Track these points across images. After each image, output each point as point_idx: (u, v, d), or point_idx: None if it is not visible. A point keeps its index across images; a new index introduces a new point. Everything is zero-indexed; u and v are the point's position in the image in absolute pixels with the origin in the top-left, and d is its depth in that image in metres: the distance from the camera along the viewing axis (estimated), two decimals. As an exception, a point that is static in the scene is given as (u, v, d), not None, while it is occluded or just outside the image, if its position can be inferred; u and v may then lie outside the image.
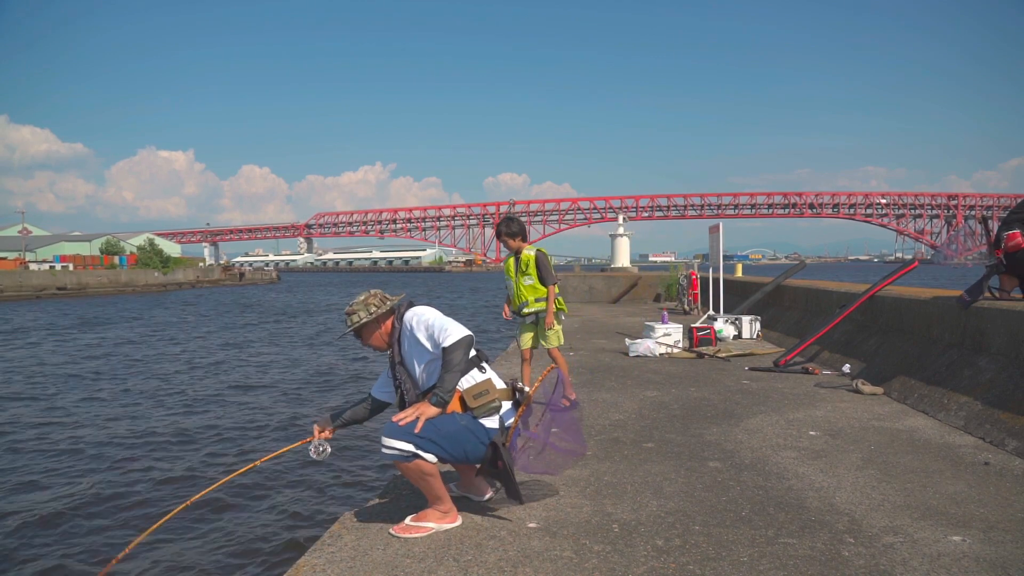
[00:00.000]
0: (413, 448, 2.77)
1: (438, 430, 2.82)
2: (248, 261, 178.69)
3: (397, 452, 2.78)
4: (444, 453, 2.87)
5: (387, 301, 3.11)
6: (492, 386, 2.93)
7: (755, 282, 13.15)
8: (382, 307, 3.07)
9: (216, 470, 7.06)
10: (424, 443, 2.79)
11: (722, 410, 5.23)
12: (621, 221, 32.59)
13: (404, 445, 2.77)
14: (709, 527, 2.92)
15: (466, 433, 2.88)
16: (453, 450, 2.88)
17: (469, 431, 2.89)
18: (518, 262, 5.37)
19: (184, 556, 5.16)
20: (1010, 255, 4.89)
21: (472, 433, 2.89)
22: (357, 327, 3.07)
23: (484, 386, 2.91)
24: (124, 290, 55.74)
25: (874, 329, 6.86)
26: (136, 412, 10.10)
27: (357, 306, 3.07)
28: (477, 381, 2.93)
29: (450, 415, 2.88)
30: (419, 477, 2.84)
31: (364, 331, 3.10)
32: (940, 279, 36.32)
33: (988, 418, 4.32)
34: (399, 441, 2.77)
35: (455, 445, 2.87)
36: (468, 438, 2.89)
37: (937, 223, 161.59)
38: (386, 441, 2.78)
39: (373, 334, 3.10)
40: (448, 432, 2.85)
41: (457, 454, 2.91)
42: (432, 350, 2.93)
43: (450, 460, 2.97)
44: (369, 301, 3.08)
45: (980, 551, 2.64)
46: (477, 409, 2.89)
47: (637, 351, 8.18)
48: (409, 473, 2.85)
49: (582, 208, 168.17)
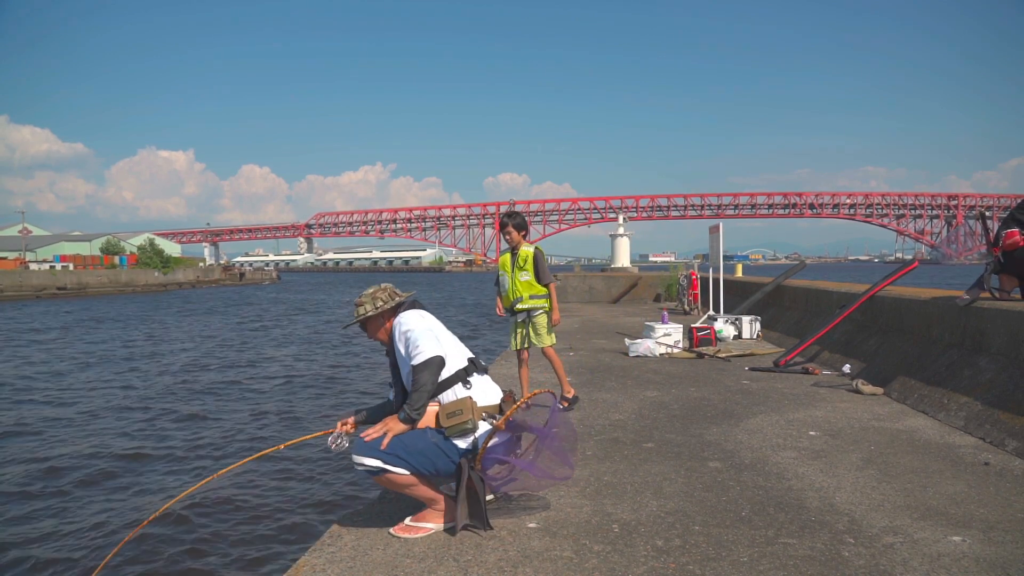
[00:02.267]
0: (380, 464, 2.76)
1: (406, 446, 2.78)
2: (248, 261, 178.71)
3: (365, 468, 2.78)
4: (412, 469, 2.81)
5: (395, 297, 3.11)
6: (470, 405, 2.81)
7: (755, 282, 13.14)
8: (388, 303, 3.07)
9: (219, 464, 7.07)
10: (391, 459, 2.76)
11: (722, 410, 5.23)
12: (621, 221, 32.58)
13: (371, 462, 2.76)
14: (709, 527, 2.91)
15: (435, 449, 2.81)
16: (422, 466, 2.82)
17: (439, 448, 2.82)
18: (515, 257, 5.37)
19: (184, 556, 5.17)
20: (1008, 253, 4.92)
21: (442, 450, 2.82)
22: (362, 319, 3.08)
23: (460, 405, 2.81)
24: (124, 290, 55.75)
25: (874, 329, 6.85)
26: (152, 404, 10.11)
27: (365, 299, 3.09)
28: (457, 398, 2.85)
29: (421, 431, 2.83)
30: (396, 488, 2.85)
31: (369, 324, 3.11)
32: (940, 279, 36.37)
33: (988, 418, 4.32)
34: (366, 458, 2.76)
35: (424, 461, 2.81)
36: (438, 454, 2.82)
37: (937, 223, 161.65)
38: (355, 458, 2.79)
39: (378, 329, 3.11)
40: (417, 448, 2.80)
41: (427, 469, 2.84)
42: (409, 362, 2.88)
43: (421, 475, 2.87)
44: (377, 295, 3.09)
45: (980, 551, 2.64)
46: (448, 429, 2.81)
47: (637, 351, 8.18)
48: (386, 484, 2.85)
49: (582, 208, 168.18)
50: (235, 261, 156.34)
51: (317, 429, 3.31)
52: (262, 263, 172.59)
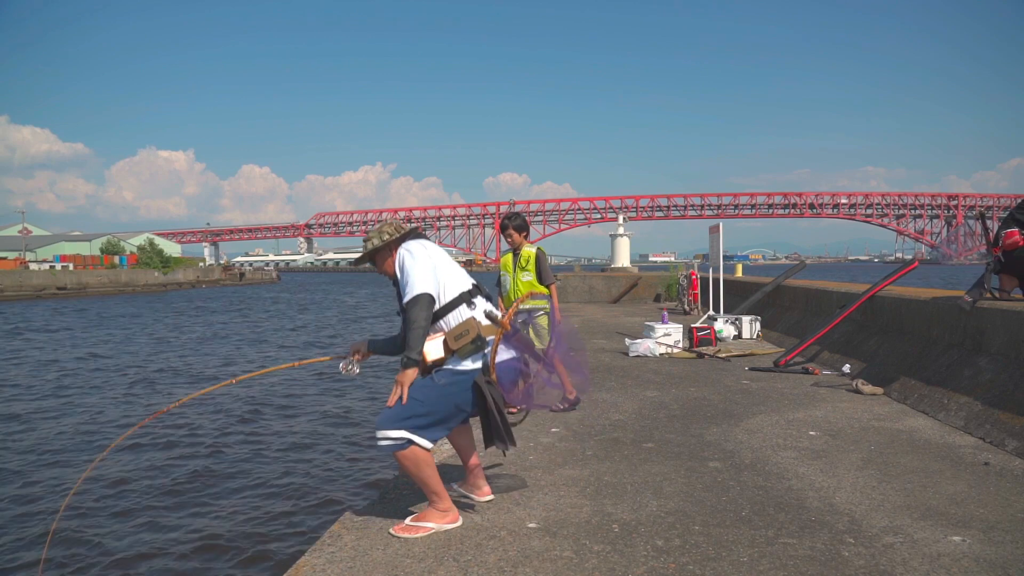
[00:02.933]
0: (406, 434, 2.76)
1: (421, 402, 2.78)
2: (248, 261, 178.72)
3: (391, 442, 2.77)
4: (437, 419, 2.82)
5: (400, 229, 3.13)
6: (475, 324, 2.83)
7: (755, 282, 13.15)
8: (394, 235, 3.09)
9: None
10: (414, 424, 2.77)
11: (722, 410, 5.23)
12: (621, 221, 32.56)
13: (396, 433, 2.76)
14: (709, 527, 2.92)
15: (448, 387, 2.83)
16: (444, 409, 2.82)
17: (451, 385, 2.83)
18: (517, 258, 5.39)
19: (183, 555, 5.17)
20: (1008, 253, 4.93)
21: (455, 384, 2.83)
22: (370, 252, 3.10)
23: (465, 326, 2.82)
24: (124, 290, 55.74)
25: (874, 329, 6.85)
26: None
27: (372, 234, 3.12)
28: (462, 320, 2.87)
29: (426, 381, 2.83)
30: (416, 468, 2.81)
31: (378, 257, 3.12)
32: (940, 279, 36.37)
33: (988, 418, 4.32)
34: (391, 430, 2.76)
35: (443, 403, 2.81)
36: (452, 391, 2.83)
37: (937, 223, 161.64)
38: (379, 434, 2.78)
39: (385, 261, 3.11)
40: (432, 396, 2.81)
41: (449, 410, 2.84)
42: (403, 299, 2.92)
43: (447, 423, 2.87)
44: (384, 229, 3.12)
45: (980, 551, 2.64)
46: (459, 350, 2.82)
47: (637, 351, 8.18)
48: (407, 463, 2.81)
49: (582, 208, 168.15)
50: (235, 261, 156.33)
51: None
52: (262, 263, 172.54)
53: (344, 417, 9.67)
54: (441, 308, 2.89)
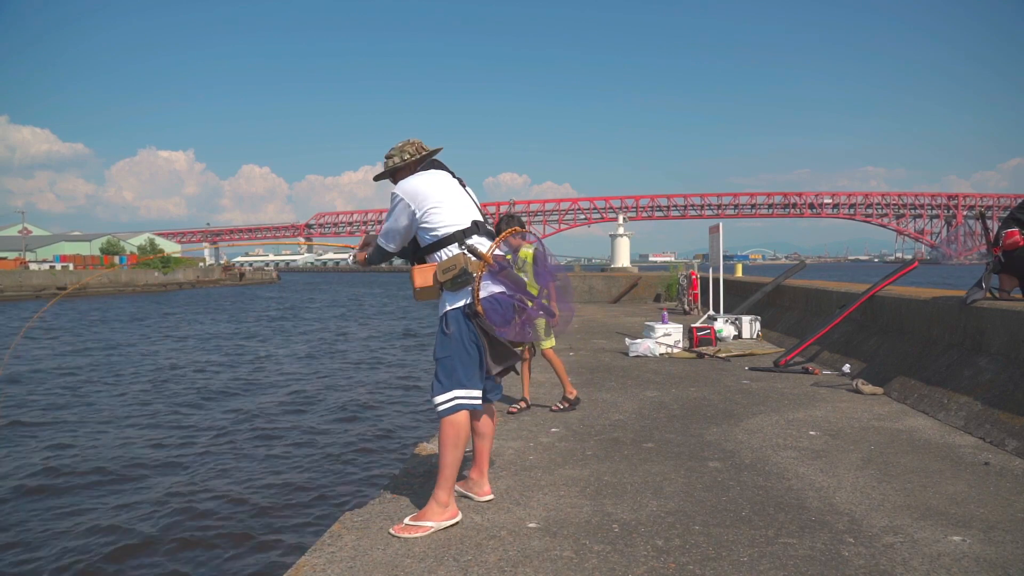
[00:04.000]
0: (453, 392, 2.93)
1: (448, 357, 2.95)
2: (248, 261, 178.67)
3: (445, 406, 2.93)
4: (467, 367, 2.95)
5: (423, 151, 3.19)
6: (462, 259, 2.92)
7: (755, 282, 13.15)
8: (415, 156, 3.17)
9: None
10: (455, 379, 2.93)
11: (722, 410, 5.23)
12: (621, 221, 32.58)
13: (446, 395, 2.94)
14: (709, 527, 2.92)
15: (457, 332, 2.95)
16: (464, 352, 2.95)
17: (457, 327, 2.96)
18: (515, 258, 5.37)
19: (183, 555, 5.17)
20: (1008, 253, 4.94)
21: (459, 325, 2.95)
22: (391, 170, 3.19)
23: (453, 260, 2.93)
24: (124, 290, 55.72)
25: (874, 329, 6.86)
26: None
27: (394, 151, 3.20)
28: (450, 255, 2.96)
29: (441, 338, 3.00)
30: (455, 440, 2.93)
31: (398, 176, 3.19)
32: (940, 279, 36.37)
33: (988, 418, 4.32)
34: (440, 395, 2.94)
35: (460, 348, 2.94)
36: (461, 331, 2.95)
37: (937, 223, 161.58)
38: (435, 402, 2.96)
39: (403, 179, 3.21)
40: (451, 348, 2.95)
41: (470, 351, 2.96)
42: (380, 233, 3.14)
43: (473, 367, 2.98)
44: (405, 148, 3.19)
45: (980, 551, 2.64)
46: (446, 284, 2.94)
47: (637, 351, 8.18)
48: (449, 432, 2.93)
49: (582, 208, 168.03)
50: (235, 261, 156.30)
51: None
52: (262, 263, 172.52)
53: (344, 417, 9.67)
54: (435, 243, 3.00)
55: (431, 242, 3.00)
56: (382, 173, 3.23)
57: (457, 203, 3.06)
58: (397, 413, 9.99)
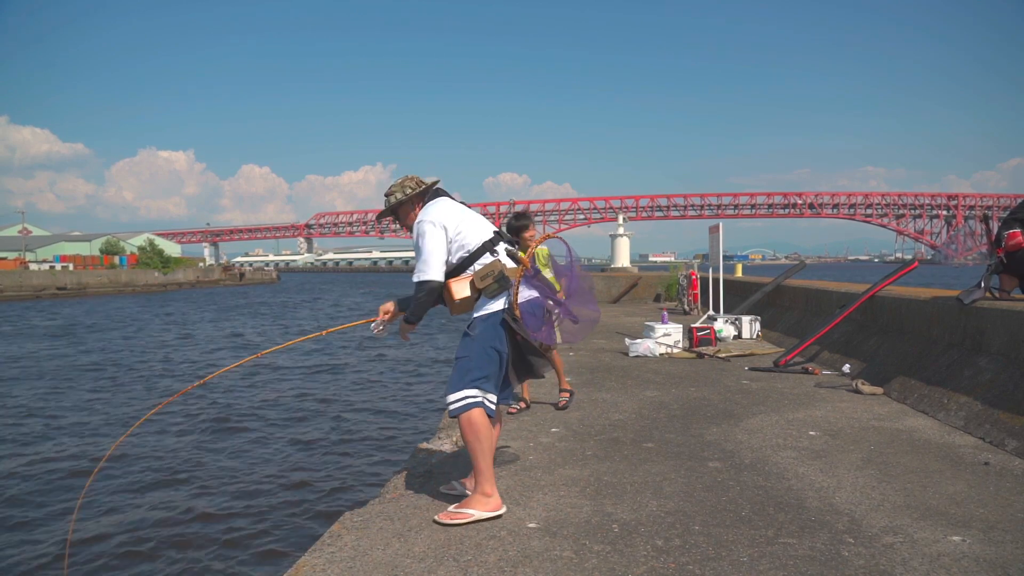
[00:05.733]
0: (468, 391, 2.95)
1: (468, 358, 2.99)
2: (248, 261, 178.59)
3: (457, 405, 2.96)
4: (487, 370, 2.98)
5: (422, 184, 3.23)
6: (498, 265, 3.00)
7: (755, 282, 13.14)
8: (417, 189, 3.20)
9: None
10: (471, 378, 2.96)
11: (722, 410, 5.23)
12: (621, 221, 32.55)
13: (459, 394, 2.96)
14: (709, 527, 2.92)
15: (483, 335, 3.00)
16: (486, 355, 2.98)
17: (485, 331, 3.00)
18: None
19: (182, 555, 5.17)
20: (1010, 254, 4.93)
21: (488, 330, 2.99)
22: (393, 207, 3.22)
23: (489, 268, 3.00)
24: (124, 290, 55.73)
25: (874, 329, 6.85)
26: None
27: (395, 188, 3.23)
28: (485, 263, 3.03)
29: (465, 340, 3.04)
30: (475, 436, 2.95)
31: (401, 211, 3.24)
32: (940, 279, 36.32)
33: (988, 418, 4.32)
34: (454, 393, 2.98)
35: (483, 351, 2.98)
36: (487, 335, 2.99)
37: (937, 223, 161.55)
38: (448, 400, 3.00)
39: (408, 214, 3.23)
40: (473, 350, 3.00)
41: (491, 355, 3.00)
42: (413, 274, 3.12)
43: (493, 370, 3.02)
44: (405, 183, 3.22)
45: (980, 551, 2.64)
46: (485, 289, 2.99)
47: (637, 351, 8.18)
48: (468, 429, 2.96)
49: (582, 208, 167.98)
50: (235, 261, 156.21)
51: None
52: (262, 263, 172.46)
53: (344, 417, 9.67)
54: (468, 257, 3.06)
55: (465, 257, 3.07)
56: (386, 210, 3.26)
57: (474, 218, 3.16)
58: (397, 413, 9.99)
